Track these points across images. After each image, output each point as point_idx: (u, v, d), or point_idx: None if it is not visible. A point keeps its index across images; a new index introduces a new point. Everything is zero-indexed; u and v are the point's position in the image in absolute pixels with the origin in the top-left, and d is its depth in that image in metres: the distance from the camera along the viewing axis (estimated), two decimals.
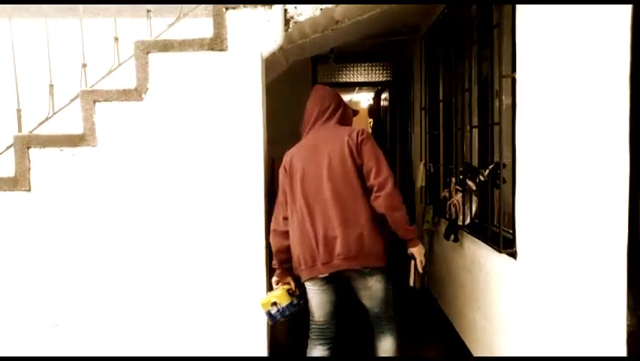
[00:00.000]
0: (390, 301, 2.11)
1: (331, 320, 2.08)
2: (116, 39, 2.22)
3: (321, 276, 1.97)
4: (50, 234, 2.02)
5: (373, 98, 7.23)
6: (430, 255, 3.68)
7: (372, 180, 1.95)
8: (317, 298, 2.04)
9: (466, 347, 2.77)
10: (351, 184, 1.97)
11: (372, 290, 2.02)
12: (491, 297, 2.35)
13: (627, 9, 1.23)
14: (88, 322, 2.06)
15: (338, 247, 1.93)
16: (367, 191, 1.97)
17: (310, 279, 1.99)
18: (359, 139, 1.99)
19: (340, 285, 2.06)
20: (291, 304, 2.08)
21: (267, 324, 2.12)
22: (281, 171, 2.11)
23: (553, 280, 1.70)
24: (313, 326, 2.10)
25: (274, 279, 2.13)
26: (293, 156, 2.10)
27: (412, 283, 2.19)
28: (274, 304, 2.05)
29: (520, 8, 1.92)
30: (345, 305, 2.16)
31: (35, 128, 2.10)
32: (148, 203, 2.04)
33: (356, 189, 1.97)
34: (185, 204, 2.05)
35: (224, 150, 2.03)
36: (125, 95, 2.02)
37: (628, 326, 1.28)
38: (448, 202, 2.82)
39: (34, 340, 2.04)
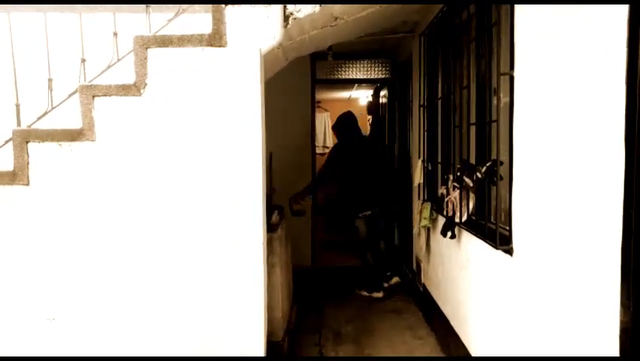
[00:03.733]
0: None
1: None
2: (115, 34, 2.22)
3: None
4: (48, 228, 2.02)
5: (372, 95, 7.23)
6: (426, 251, 3.70)
7: None
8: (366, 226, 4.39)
9: (462, 342, 2.79)
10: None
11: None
12: (487, 292, 2.37)
13: (624, 9, 1.24)
14: (85, 317, 2.06)
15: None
16: None
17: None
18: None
19: None
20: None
21: (264, 324, 2.14)
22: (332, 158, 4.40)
23: (548, 276, 1.72)
24: None
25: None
26: (342, 152, 4.33)
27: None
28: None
29: (518, 6, 1.93)
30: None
31: (34, 123, 2.10)
32: (146, 198, 2.04)
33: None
34: (183, 199, 2.05)
35: (223, 146, 2.04)
36: (123, 90, 2.02)
37: (621, 322, 1.29)
38: (446, 199, 2.83)
39: (31, 334, 2.05)
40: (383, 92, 6.10)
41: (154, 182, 2.04)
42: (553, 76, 1.66)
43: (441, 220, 3.06)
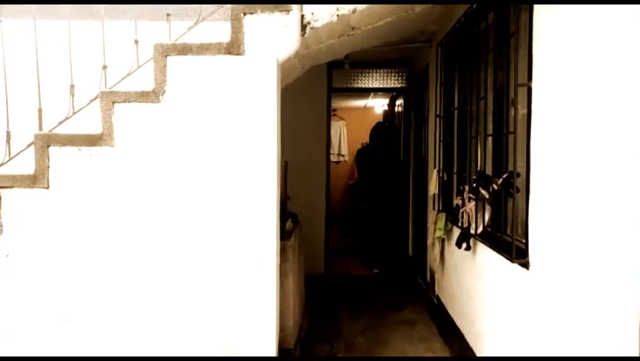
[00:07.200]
0: None
1: None
2: (136, 42, 2.27)
3: None
4: (67, 231, 2.06)
5: (388, 105, 7.22)
6: (441, 262, 3.66)
7: None
8: None
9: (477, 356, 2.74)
10: None
11: None
12: (502, 307, 2.33)
13: None
14: (99, 318, 2.09)
15: None
16: None
17: None
18: None
19: None
20: None
21: (276, 332, 2.13)
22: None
23: (565, 291, 1.68)
24: None
25: None
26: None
27: None
28: None
29: (537, 17, 1.92)
30: None
31: (55, 128, 2.15)
32: (161, 204, 2.06)
33: None
34: (198, 205, 2.07)
35: (239, 153, 2.05)
36: (143, 96, 2.06)
37: None
38: (461, 210, 2.80)
39: (45, 334, 2.08)
40: (399, 102, 6.09)
41: (170, 188, 2.06)
42: (572, 87, 1.63)
43: (456, 231, 3.03)
